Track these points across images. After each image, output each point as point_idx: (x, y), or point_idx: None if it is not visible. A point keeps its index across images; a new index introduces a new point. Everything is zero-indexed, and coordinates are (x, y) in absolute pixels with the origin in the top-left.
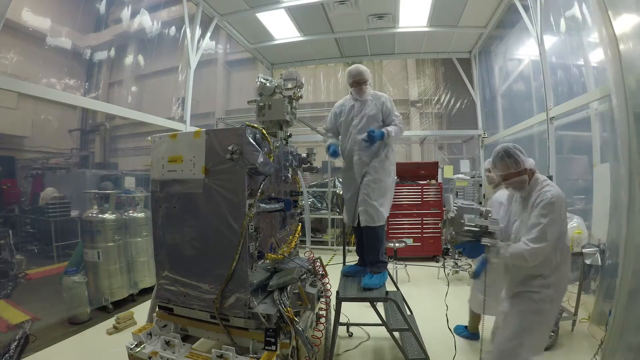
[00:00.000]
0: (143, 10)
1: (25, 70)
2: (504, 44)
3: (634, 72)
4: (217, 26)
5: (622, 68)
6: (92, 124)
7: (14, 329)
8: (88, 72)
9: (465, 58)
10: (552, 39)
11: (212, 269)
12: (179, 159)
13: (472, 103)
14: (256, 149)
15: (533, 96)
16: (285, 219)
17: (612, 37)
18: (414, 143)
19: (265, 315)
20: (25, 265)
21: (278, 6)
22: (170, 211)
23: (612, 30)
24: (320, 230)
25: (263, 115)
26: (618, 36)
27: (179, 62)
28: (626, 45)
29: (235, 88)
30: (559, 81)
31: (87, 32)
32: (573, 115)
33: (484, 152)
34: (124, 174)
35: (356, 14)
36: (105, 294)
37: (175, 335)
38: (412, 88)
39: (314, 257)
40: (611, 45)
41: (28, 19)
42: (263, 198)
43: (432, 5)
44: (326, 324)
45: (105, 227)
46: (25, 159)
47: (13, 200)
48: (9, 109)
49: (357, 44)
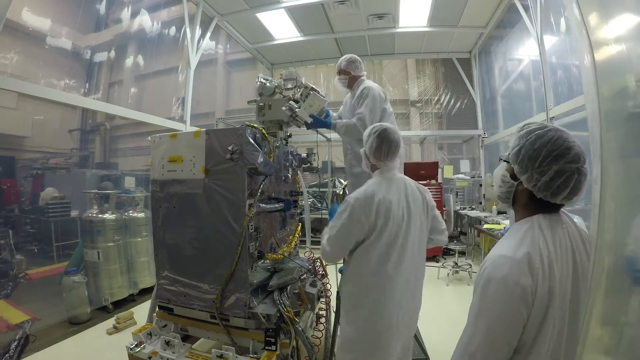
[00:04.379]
0: (143, 11)
1: (25, 70)
2: (504, 44)
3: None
4: (217, 26)
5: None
6: (92, 124)
7: (14, 329)
8: (88, 72)
9: (465, 58)
10: (552, 39)
11: (212, 269)
12: (179, 159)
13: (472, 103)
14: (256, 149)
15: (533, 96)
16: (285, 219)
17: (588, 41)
18: (414, 143)
19: (265, 315)
20: (25, 265)
21: (278, 6)
22: (170, 211)
23: (588, 36)
24: (320, 230)
25: (263, 115)
26: (593, 41)
27: (179, 62)
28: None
29: (235, 88)
30: (559, 81)
31: (87, 32)
32: (573, 115)
33: (484, 152)
34: (124, 174)
35: (356, 14)
36: (105, 294)
37: (175, 335)
38: (412, 88)
39: (314, 257)
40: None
41: (28, 19)
42: (263, 198)
43: (432, 5)
44: (326, 324)
45: (105, 227)
46: (25, 159)
47: (13, 200)
48: (9, 109)
49: (357, 44)
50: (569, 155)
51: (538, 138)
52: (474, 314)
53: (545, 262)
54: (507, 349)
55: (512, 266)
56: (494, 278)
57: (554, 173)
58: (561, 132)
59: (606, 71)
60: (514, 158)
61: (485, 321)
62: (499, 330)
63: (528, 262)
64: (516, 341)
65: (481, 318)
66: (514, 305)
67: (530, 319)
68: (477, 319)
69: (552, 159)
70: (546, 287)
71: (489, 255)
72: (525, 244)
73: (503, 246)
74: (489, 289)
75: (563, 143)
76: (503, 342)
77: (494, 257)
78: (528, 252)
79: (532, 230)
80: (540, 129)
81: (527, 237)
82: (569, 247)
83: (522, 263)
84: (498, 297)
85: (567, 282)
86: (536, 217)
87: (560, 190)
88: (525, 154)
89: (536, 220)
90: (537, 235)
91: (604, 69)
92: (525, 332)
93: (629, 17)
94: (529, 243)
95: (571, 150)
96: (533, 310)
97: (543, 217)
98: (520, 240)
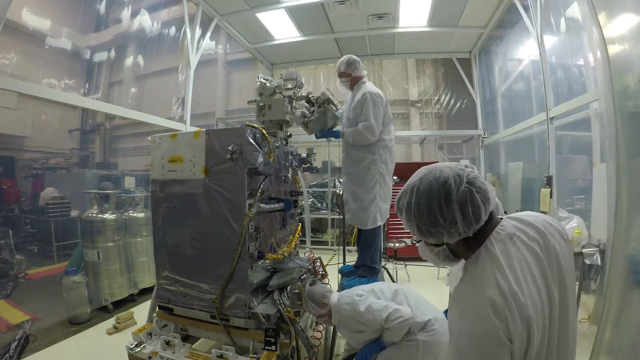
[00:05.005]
0: (143, 11)
1: (25, 70)
2: (504, 44)
3: (623, 75)
4: (217, 26)
5: (610, 70)
6: (92, 124)
7: (14, 329)
8: (88, 72)
9: (465, 58)
10: (552, 39)
11: (212, 269)
12: (179, 159)
13: (472, 103)
14: (256, 149)
15: (533, 96)
16: (285, 219)
17: (602, 39)
18: (414, 143)
19: (265, 315)
20: (25, 265)
21: (278, 6)
22: (170, 211)
23: (602, 33)
24: (320, 230)
25: (263, 115)
26: (607, 39)
27: (179, 62)
28: (615, 48)
29: (235, 88)
30: (559, 81)
31: (87, 32)
32: (573, 115)
33: (484, 152)
34: (124, 174)
35: (356, 14)
36: (105, 294)
37: (175, 335)
38: (412, 88)
39: (314, 257)
40: (601, 47)
41: (28, 19)
42: (263, 198)
43: (432, 5)
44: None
45: (105, 227)
46: (25, 159)
47: (13, 200)
48: (9, 109)
49: (357, 44)
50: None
51: (417, 206)
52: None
53: (508, 297)
54: None
55: (476, 318)
56: (463, 332)
57: (460, 211)
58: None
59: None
60: (422, 236)
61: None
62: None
63: (491, 307)
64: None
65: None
66: (491, 354)
67: (514, 353)
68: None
69: (446, 204)
70: (518, 320)
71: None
72: (483, 288)
73: (461, 299)
74: (461, 344)
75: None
76: None
77: (456, 313)
78: (488, 297)
79: (485, 268)
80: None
81: (483, 280)
82: (529, 257)
83: (486, 311)
84: (472, 352)
85: (541, 295)
86: (483, 247)
87: (479, 215)
88: (424, 227)
89: (483, 251)
90: (490, 271)
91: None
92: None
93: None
94: (487, 285)
95: (447, 182)
96: (514, 346)
97: (489, 246)
98: (478, 288)
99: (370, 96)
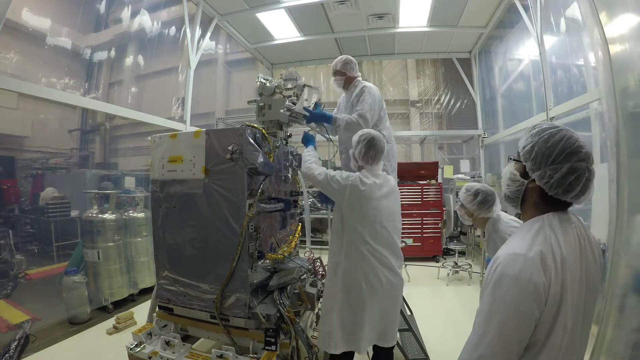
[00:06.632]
0: (143, 10)
1: (25, 70)
2: (504, 44)
3: (623, 75)
4: (217, 26)
5: (612, 70)
6: (92, 124)
7: (14, 329)
8: (88, 72)
9: (465, 58)
10: (552, 39)
11: (212, 269)
12: (179, 159)
13: (472, 103)
14: (256, 149)
15: (533, 96)
16: (285, 219)
17: (603, 38)
18: (414, 143)
19: (265, 315)
20: (25, 265)
21: (278, 6)
22: (170, 211)
23: (603, 33)
24: (320, 230)
25: (263, 115)
26: (608, 38)
27: (179, 62)
28: (616, 48)
29: (235, 88)
30: (559, 81)
31: (87, 32)
32: (573, 115)
33: (484, 152)
34: (124, 174)
35: (356, 14)
36: (105, 294)
37: (175, 335)
38: (412, 88)
39: (314, 257)
40: (602, 47)
41: (28, 19)
42: (263, 198)
43: (432, 5)
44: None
45: (105, 227)
46: (25, 159)
47: (13, 200)
48: (9, 109)
49: (357, 44)
50: (580, 153)
51: (551, 136)
52: (486, 311)
53: (557, 260)
54: (517, 347)
55: (525, 263)
56: (506, 275)
57: (567, 170)
58: (572, 132)
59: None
60: (527, 156)
61: (498, 318)
62: (511, 328)
63: (541, 259)
64: (527, 339)
65: (493, 315)
66: (527, 302)
67: (542, 317)
68: (488, 317)
69: (565, 157)
70: (559, 286)
71: (499, 253)
72: (537, 242)
73: (515, 244)
74: (502, 287)
75: (575, 142)
76: (515, 340)
77: (506, 255)
78: (541, 250)
79: (544, 228)
80: (552, 128)
81: (539, 235)
82: (577, 247)
83: (535, 261)
84: (511, 294)
85: (577, 282)
86: (546, 215)
87: (572, 188)
88: (538, 151)
89: (547, 219)
90: (549, 234)
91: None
92: (537, 331)
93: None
94: (542, 241)
95: (582, 149)
96: (546, 309)
97: (553, 216)
98: (533, 238)
99: (368, 90)
